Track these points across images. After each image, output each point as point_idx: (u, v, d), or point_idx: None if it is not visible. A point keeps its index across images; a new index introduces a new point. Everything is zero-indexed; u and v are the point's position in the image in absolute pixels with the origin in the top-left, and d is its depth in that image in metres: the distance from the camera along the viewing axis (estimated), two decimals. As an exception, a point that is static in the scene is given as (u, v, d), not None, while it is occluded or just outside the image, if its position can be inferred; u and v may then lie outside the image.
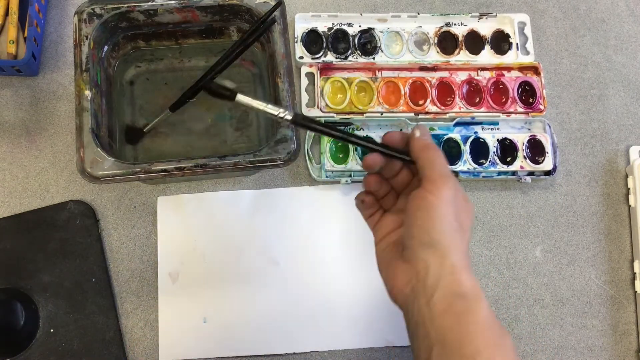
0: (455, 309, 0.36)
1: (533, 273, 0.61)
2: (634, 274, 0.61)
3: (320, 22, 0.64)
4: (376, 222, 0.44)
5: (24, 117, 0.60)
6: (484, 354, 0.34)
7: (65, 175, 0.59)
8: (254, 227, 0.59)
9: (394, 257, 0.40)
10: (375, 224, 0.44)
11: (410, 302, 0.38)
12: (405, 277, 0.38)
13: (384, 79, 0.63)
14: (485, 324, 0.35)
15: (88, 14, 0.51)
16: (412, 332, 0.38)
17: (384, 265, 0.41)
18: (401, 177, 0.43)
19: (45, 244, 0.56)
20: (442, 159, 0.39)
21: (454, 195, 0.38)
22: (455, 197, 0.38)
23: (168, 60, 0.59)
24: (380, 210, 0.44)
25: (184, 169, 0.48)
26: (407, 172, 0.43)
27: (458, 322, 0.35)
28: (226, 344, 0.56)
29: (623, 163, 0.65)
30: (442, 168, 0.39)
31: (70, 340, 0.54)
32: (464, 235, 0.38)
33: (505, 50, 0.66)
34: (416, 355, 0.38)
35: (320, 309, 0.57)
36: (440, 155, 0.40)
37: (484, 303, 0.36)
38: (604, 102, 0.67)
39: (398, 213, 0.43)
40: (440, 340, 0.35)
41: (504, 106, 0.63)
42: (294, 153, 0.49)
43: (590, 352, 0.59)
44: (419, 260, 0.37)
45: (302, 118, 0.42)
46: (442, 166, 0.39)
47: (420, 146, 0.40)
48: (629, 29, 0.70)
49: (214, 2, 0.53)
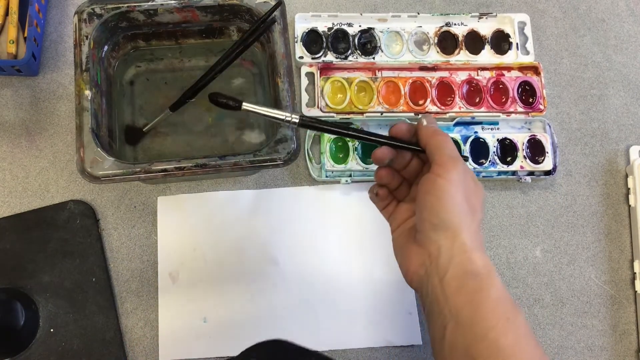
0: (467, 287, 0.36)
1: (533, 273, 0.61)
2: (634, 274, 0.61)
3: (320, 22, 0.64)
4: (391, 213, 0.45)
5: (24, 117, 0.60)
6: (496, 330, 0.35)
7: (65, 175, 0.59)
8: (254, 227, 0.59)
9: (408, 242, 0.41)
10: (391, 215, 0.45)
11: (424, 282, 0.39)
12: (418, 259, 0.39)
13: (384, 78, 0.63)
14: (498, 300, 0.36)
15: (88, 13, 0.51)
16: (428, 312, 0.39)
17: (399, 250, 0.43)
18: (412, 167, 0.44)
19: (45, 244, 0.56)
20: (450, 143, 0.40)
21: (463, 177, 0.39)
22: (464, 179, 0.39)
23: (168, 60, 0.59)
24: (394, 201, 0.45)
25: (184, 169, 0.48)
26: (417, 162, 0.44)
27: (471, 299, 0.36)
28: (226, 344, 0.56)
29: (623, 163, 0.65)
30: (451, 152, 0.40)
31: (70, 340, 0.54)
32: (475, 216, 0.39)
33: (505, 50, 0.66)
34: (432, 333, 0.39)
35: (320, 309, 0.57)
36: (448, 140, 0.40)
37: (496, 280, 0.37)
38: (604, 102, 0.67)
39: (412, 202, 0.44)
40: (454, 317, 0.36)
41: (504, 106, 0.64)
42: (294, 153, 0.49)
43: (590, 352, 0.59)
44: (431, 242, 0.38)
45: (309, 119, 0.43)
46: (450, 150, 0.40)
47: (428, 133, 0.41)
48: (629, 29, 0.70)
49: (214, 2, 0.53)
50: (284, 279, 0.58)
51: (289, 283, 0.58)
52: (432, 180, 0.39)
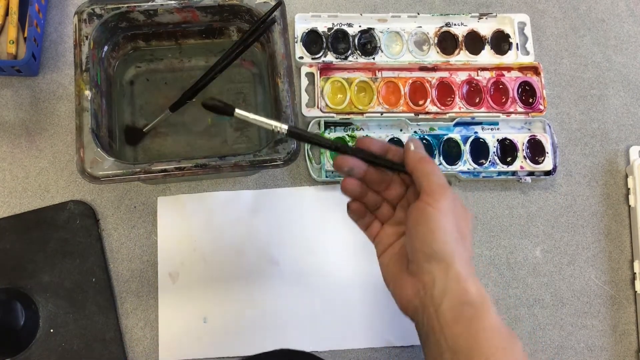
0: (463, 317, 0.36)
1: (533, 273, 0.61)
2: (634, 274, 0.61)
3: (320, 22, 0.64)
4: (376, 235, 0.44)
5: (24, 117, 0.60)
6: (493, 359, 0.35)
7: (65, 175, 0.59)
8: (254, 227, 0.59)
9: (400, 270, 0.41)
10: (375, 237, 0.44)
11: (419, 313, 0.39)
12: (412, 289, 0.39)
13: (384, 79, 0.63)
14: (494, 329, 0.36)
15: (88, 14, 0.51)
16: (424, 341, 0.39)
17: (391, 279, 0.42)
18: (394, 190, 0.43)
19: (45, 244, 0.56)
20: (438, 171, 0.40)
21: (453, 204, 0.39)
22: (454, 206, 0.39)
23: (168, 60, 0.59)
24: (377, 221, 0.44)
25: (184, 169, 0.48)
26: (400, 185, 0.43)
27: (467, 329, 0.36)
28: (226, 344, 0.56)
29: (623, 163, 0.65)
30: (439, 179, 0.39)
31: (70, 340, 0.54)
32: (466, 243, 0.39)
33: (505, 51, 0.66)
34: None
35: (320, 309, 0.57)
36: (436, 167, 0.40)
37: (491, 309, 0.37)
38: (604, 102, 0.67)
39: (397, 225, 0.43)
40: (451, 347, 0.36)
41: (504, 106, 0.64)
42: (294, 153, 0.49)
43: (590, 352, 0.59)
44: (425, 273, 0.38)
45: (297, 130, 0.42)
46: (438, 177, 0.39)
47: (416, 158, 0.40)
48: (629, 29, 0.70)
49: (214, 2, 0.53)
50: (283, 279, 0.58)
51: (289, 283, 0.58)
52: (422, 209, 0.38)
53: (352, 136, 0.61)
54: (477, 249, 0.61)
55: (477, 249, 0.61)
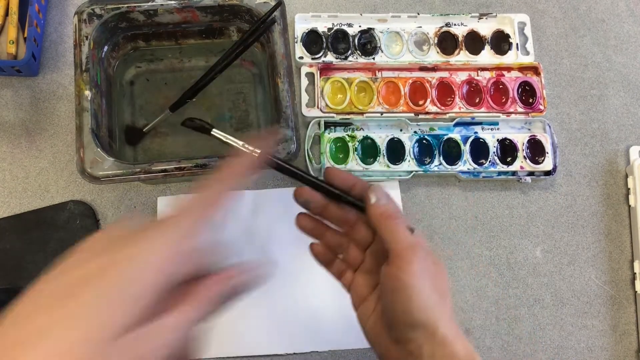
0: None
1: (533, 273, 0.61)
2: (634, 274, 0.61)
3: (320, 22, 0.64)
4: (350, 283, 0.42)
5: (24, 117, 0.60)
6: None
7: (65, 175, 0.59)
8: (254, 227, 0.59)
9: (382, 332, 0.39)
10: (350, 285, 0.42)
11: None
12: (399, 356, 0.38)
13: (384, 79, 0.63)
14: None
15: (88, 14, 0.51)
16: None
17: (375, 342, 0.40)
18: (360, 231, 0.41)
19: (45, 244, 0.56)
20: (403, 227, 0.37)
21: (425, 264, 0.37)
22: (427, 266, 0.37)
23: (168, 60, 0.59)
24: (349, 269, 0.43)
25: (184, 169, 0.48)
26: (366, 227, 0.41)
27: None
28: (226, 344, 0.56)
29: (623, 163, 0.65)
30: (407, 237, 0.37)
31: (70, 341, 0.54)
32: (445, 301, 0.38)
33: (505, 51, 0.66)
34: None
35: (320, 309, 0.57)
36: (401, 222, 0.37)
37: None
38: (604, 102, 0.67)
39: (368, 274, 0.42)
40: None
41: (504, 106, 0.63)
42: (294, 153, 0.49)
43: (590, 352, 0.59)
44: (409, 341, 0.37)
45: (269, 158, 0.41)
46: (406, 236, 0.37)
47: (378, 215, 0.38)
48: (629, 29, 0.70)
49: (214, 2, 0.53)
50: (283, 279, 0.58)
51: (288, 283, 0.58)
52: (394, 276, 0.36)
53: (352, 136, 0.61)
54: (477, 249, 0.61)
55: (477, 249, 0.61)
